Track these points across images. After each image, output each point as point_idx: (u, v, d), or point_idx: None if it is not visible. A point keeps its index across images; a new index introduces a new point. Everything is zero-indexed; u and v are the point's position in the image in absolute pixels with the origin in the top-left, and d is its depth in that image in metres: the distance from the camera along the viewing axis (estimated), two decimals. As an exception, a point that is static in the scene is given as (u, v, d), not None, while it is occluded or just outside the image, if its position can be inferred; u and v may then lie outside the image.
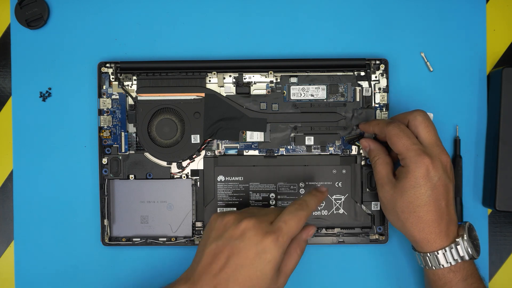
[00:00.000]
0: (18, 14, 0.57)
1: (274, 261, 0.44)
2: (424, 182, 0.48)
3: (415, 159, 0.48)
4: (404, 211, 0.49)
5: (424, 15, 0.57)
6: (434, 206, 0.48)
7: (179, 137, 0.56)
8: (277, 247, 0.44)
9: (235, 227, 0.45)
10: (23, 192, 0.58)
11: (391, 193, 0.50)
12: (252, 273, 0.44)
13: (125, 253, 0.58)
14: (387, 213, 0.52)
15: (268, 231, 0.44)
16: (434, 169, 0.48)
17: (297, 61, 0.56)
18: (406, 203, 0.49)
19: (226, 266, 0.44)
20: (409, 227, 0.49)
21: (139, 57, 0.57)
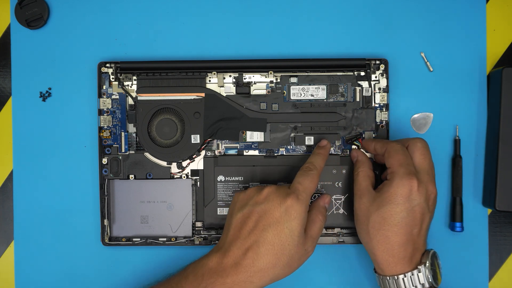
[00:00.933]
0: (18, 14, 0.57)
1: (299, 218, 0.47)
2: (402, 201, 0.48)
3: (402, 175, 0.48)
4: (375, 227, 0.49)
5: (424, 15, 0.57)
6: (404, 230, 0.48)
7: (179, 137, 0.56)
8: (299, 204, 0.47)
9: (259, 194, 0.48)
10: (23, 192, 0.58)
11: (367, 205, 0.50)
12: (280, 231, 0.46)
13: (125, 253, 0.58)
14: (358, 226, 0.52)
15: (289, 192, 0.48)
16: (417, 193, 0.48)
17: (297, 61, 0.56)
18: (379, 218, 0.49)
19: (255, 228, 0.47)
20: (374, 245, 0.49)
21: (139, 57, 0.57)
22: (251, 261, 0.46)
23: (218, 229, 0.56)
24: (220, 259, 0.47)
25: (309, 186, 0.49)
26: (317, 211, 0.50)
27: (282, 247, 0.46)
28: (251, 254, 0.46)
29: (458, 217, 0.56)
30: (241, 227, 0.48)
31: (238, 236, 0.47)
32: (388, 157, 0.50)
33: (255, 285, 0.46)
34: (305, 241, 0.48)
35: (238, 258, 0.46)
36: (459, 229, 0.56)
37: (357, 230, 0.52)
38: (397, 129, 0.57)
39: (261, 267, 0.46)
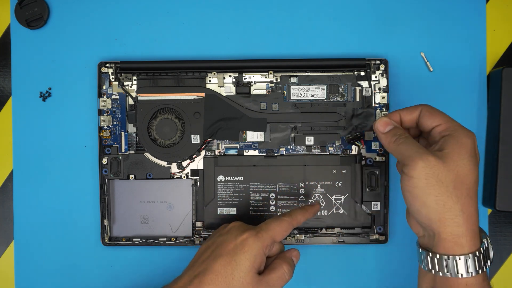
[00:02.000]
0: (18, 14, 0.57)
1: (251, 253, 0.46)
2: (474, 153, 0.43)
3: (462, 129, 0.44)
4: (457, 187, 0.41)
5: (424, 15, 0.57)
6: (475, 191, 0.42)
7: (179, 137, 0.56)
8: (255, 240, 0.46)
9: (225, 226, 0.50)
10: (23, 192, 0.58)
11: (440, 163, 0.41)
12: (228, 262, 0.45)
13: (125, 253, 0.58)
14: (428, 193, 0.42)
15: (249, 229, 0.47)
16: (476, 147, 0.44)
17: (297, 61, 0.56)
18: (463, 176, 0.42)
19: (208, 257, 0.47)
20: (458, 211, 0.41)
21: (139, 57, 0.57)
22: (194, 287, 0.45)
23: (218, 229, 0.56)
24: (171, 285, 0.47)
25: (274, 229, 0.47)
26: (282, 260, 0.48)
27: (226, 279, 0.45)
28: (196, 282, 0.45)
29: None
30: (199, 257, 0.48)
31: (193, 264, 0.48)
32: (432, 115, 0.45)
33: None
34: (257, 283, 0.46)
35: (184, 284, 0.46)
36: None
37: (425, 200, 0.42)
38: (397, 129, 0.57)
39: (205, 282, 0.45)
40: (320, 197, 0.56)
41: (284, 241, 0.56)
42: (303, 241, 0.56)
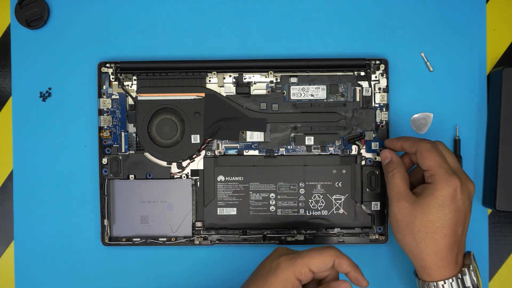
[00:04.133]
0: (18, 14, 0.57)
1: (282, 277, 0.44)
2: (450, 202, 0.47)
3: (445, 177, 0.47)
4: (422, 231, 0.47)
5: (424, 15, 0.57)
6: (452, 231, 0.47)
7: (179, 137, 0.56)
8: (287, 266, 0.44)
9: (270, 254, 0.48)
10: (23, 192, 0.58)
11: (410, 209, 0.48)
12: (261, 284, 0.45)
13: (125, 253, 0.58)
14: (399, 231, 0.49)
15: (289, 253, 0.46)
16: (461, 192, 0.47)
17: (297, 61, 0.56)
18: (427, 222, 0.47)
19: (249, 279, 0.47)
20: (422, 249, 0.48)
21: (139, 57, 0.57)
22: None
23: (218, 229, 0.56)
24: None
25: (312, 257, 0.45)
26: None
27: None
28: None
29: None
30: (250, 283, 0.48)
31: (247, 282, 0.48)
32: (423, 158, 0.48)
33: None
34: None
35: None
36: (459, 229, 0.56)
37: (397, 235, 0.49)
38: (397, 129, 0.57)
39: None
40: (320, 197, 0.56)
41: (283, 241, 0.56)
42: (303, 241, 0.56)
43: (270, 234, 0.56)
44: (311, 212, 0.56)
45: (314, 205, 0.56)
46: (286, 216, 0.56)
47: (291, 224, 0.56)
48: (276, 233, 0.56)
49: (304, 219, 0.56)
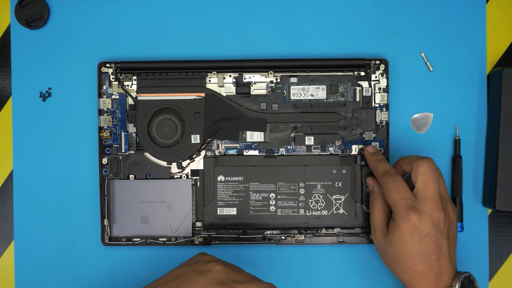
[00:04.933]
0: (18, 14, 0.57)
1: None
2: (410, 237, 0.48)
3: (402, 214, 0.48)
4: (394, 261, 0.49)
5: (424, 15, 0.57)
6: (422, 259, 0.48)
7: (179, 137, 0.56)
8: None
9: (203, 264, 0.48)
10: (23, 192, 0.58)
11: (382, 242, 0.50)
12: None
13: (125, 253, 0.58)
14: (380, 255, 0.52)
15: (223, 283, 0.46)
16: (422, 225, 0.48)
17: (297, 61, 0.56)
18: (395, 255, 0.49)
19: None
20: (398, 274, 0.50)
21: (139, 57, 0.57)
22: None
23: (218, 229, 0.56)
24: None
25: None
26: None
27: None
28: None
29: (458, 217, 0.56)
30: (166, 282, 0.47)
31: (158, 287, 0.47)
32: (385, 194, 0.50)
33: None
34: None
35: None
36: (459, 229, 0.56)
37: (380, 257, 0.52)
38: (397, 129, 0.57)
39: None
40: (320, 197, 0.56)
41: (283, 241, 0.56)
42: (303, 241, 0.56)
43: (270, 234, 0.56)
44: (311, 212, 0.56)
45: (314, 205, 0.56)
46: (286, 216, 0.56)
47: (291, 224, 0.56)
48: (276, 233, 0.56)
49: (304, 219, 0.56)
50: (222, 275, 0.47)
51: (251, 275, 0.49)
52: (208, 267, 0.47)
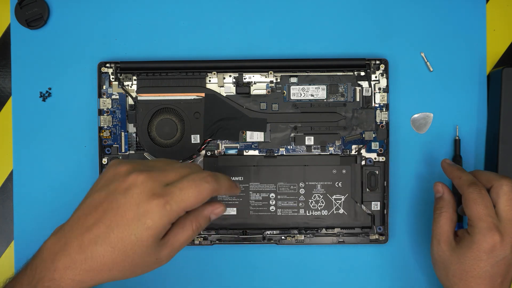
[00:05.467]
0: (18, 14, 0.57)
1: (155, 229, 0.39)
2: (486, 257, 0.45)
3: (484, 232, 0.45)
4: (456, 276, 0.47)
5: (424, 15, 0.57)
6: (488, 281, 0.46)
7: (179, 137, 0.56)
8: (161, 214, 0.39)
9: (123, 180, 0.40)
10: (23, 192, 0.58)
11: (447, 254, 0.48)
12: (126, 236, 0.39)
13: (125, 253, 0.57)
14: (436, 268, 0.50)
15: (157, 193, 0.39)
16: (502, 247, 0.45)
17: (297, 61, 0.56)
18: (461, 270, 0.46)
19: (100, 221, 0.39)
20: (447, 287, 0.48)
21: (139, 57, 0.57)
22: (84, 258, 0.39)
23: (218, 229, 0.56)
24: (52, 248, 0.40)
25: (189, 200, 0.39)
26: (193, 218, 0.42)
27: (123, 253, 0.39)
28: (85, 249, 0.39)
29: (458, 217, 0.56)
30: (88, 213, 0.40)
31: (81, 222, 0.40)
32: (466, 206, 0.47)
33: (85, 285, 0.39)
34: (159, 250, 0.40)
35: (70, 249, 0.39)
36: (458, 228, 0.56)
37: (436, 271, 0.50)
38: (397, 129, 0.57)
39: (94, 268, 0.39)
40: (320, 197, 0.56)
41: (283, 241, 0.56)
42: (303, 241, 0.56)
43: (270, 234, 0.56)
44: (311, 212, 0.56)
45: (314, 205, 0.56)
46: (286, 216, 0.56)
47: (291, 224, 0.56)
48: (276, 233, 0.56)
49: (304, 219, 0.56)
50: (149, 184, 0.39)
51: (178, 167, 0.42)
52: (129, 181, 0.40)
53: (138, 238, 0.39)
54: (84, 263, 0.39)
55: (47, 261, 0.40)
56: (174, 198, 0.39)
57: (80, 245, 0.39)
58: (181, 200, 0.39)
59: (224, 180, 0.42)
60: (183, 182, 0.40)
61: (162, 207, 0.39)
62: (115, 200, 0.40)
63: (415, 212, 0.57)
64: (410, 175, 0.57)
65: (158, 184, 0.40)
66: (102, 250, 0.39)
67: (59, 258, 0.39)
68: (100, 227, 0.39)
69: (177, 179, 0.40)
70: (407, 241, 0.57)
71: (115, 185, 0.40)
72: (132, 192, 0.39)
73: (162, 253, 0.41)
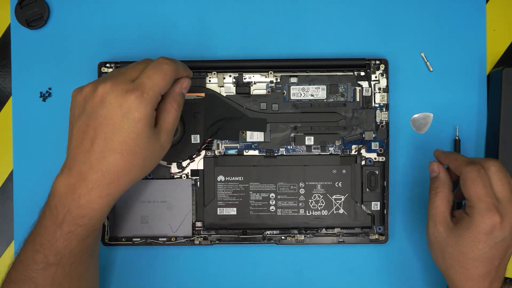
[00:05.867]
0: (18, 14, 0.57)
1: (145, 119, 0.42)
2: (485, 239, 0.44)
3: (483, 212, 0.44)
4: (452, 258, 0.46)
5: (424, 15, 0.57)
6: (486, 263, 0.45)
7: (179, 137, 0.56)
8: (143, 104, 0.42)
9: (93, 96, 0.42)
10: (23, 192, 0.58)
11: (444, 236, 0.46)
12: (126, 136, 0.42)
13: (125, 253, 0.58)
14: (432, 250, 0.49)
15: (129, 90, 0.42)
16: (501, 229, 0.44)
17: (297, 61, 0.56)
18: (458, 252, 0.45)
19: (96, 139, 0.42)
20: (452, 274, 0.47)
21: (139, 57, 0.57)
22: (100, 175, 0.42)
23: (218, 229, 0.56)
24: (66, 181, 0.43)
25: (159, 83, 0.43)
26: (171, 100, 0.45)
27: (132, 152, 0.42)
28: (98, 166, 0.42)
29: (458, 217, 0.56)
30: (83, 139, 0.42)
31: (80, 150, 0.42)
32: (464, 186, 0.45)
33: (113, 197, 0.43)
34: (158, 137, 0.44)
35: (84, 174, 0.42)
36: (459, 229, 0.56)
37: (431, 254, 0.49)
38: (397, 129, 0.57)
39: (113, 178, 0.42)
40: (320, 197, 0.56)
41: (283, 241, 0.56)
42: (303, 241, 0.56)
43: (270, 234, 0.56)
44: (311, 212, 0.56)
45: (314, 205, 0.56)
46: (286, 216, 0.56)
47: (291, 224, 0.56)
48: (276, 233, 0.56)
49: (304, 219, 0.56)
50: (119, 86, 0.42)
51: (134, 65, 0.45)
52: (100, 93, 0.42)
53: (135, 133, 0.42)
54: (103, 179, 0.42)
55: (67, 195, 0.42)
56: (146, 87, 0.42)
57: (91, 166, 0.42)
58: (153, 86, 0.42)
59: (178, 61, 0.46)
60: (148, 72, 0.43)
61: (140, 98, 0.41)
62: (97, 115, 0.42)
63: (415, 212, 0.57)
64: (410, 175, 0.57)
65: (126, 82, 0.42)
66: (112, 160, 0.42)
67: (79, 186, 0.42)
68: (99, 143, 0.42)
69: (139, 73, 0.43)
70: (407, 241, 0.57)
71: (90, 104, 0.43)
72: (108, 100, 0.42)
73: (161, 139, 0.44)
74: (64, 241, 0.43)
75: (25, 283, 0.44)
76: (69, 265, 0.44)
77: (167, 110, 0.45)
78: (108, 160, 0.42)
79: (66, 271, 0.44)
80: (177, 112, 0.45)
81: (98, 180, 0.42)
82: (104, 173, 0.42)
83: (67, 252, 0.43)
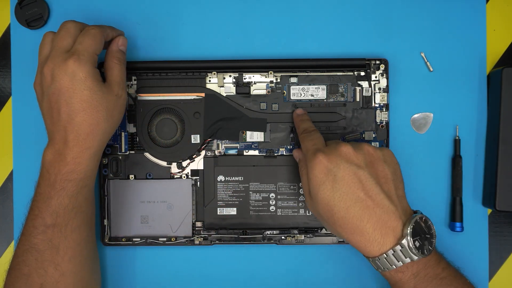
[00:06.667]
0: (18, 14, 0.57)
1: (90, 76, 0.48)
2: (325, 177, 0.45)
3: (311, 157, 0.47)
4: (326, 214, 0.46)
5: (424, 15, 0.57)
6: (351, 200, 0.45)
7: (179, 137, 0.56)
8: (82, 64, 0.47)
9: (44, 79, 0.49)
10: (23, 192, 0.58)
11: (311, 203, 0.48)
12: (81, 95, 0.47)
13: (125, 253, 0.58)
14: (323, 224, 0.49)
15: (67, 57, 0.48)
16: (331, 160, 0.46)
17: (297, 61, 0.56)
18: (322, 205, 0.46)
19: (60, 108, 0.47)
20: (340, 232, 0.46)
21: (139, 57, 0.57)
22: (75, 133, 0.47)
23: (218, 229, 0.56)
24: (51, 149, 0.48)
25: (90, 44, 0.49)
26: (111, 57, 0.51)
27: (93, 106, 0.48)
28: (71, 128, 0.47)
29: (458, 217, 0.56)
30: (51, 113, 0.48)
31: (53, 122, 0.48)
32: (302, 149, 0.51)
33: (94, 149, 0.48)
34: (110, 88, 0.49)
35: (63, 138, 0.48)
36: (459, 229, 0.56)
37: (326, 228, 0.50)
38: (397, 129, 0.57)
39: (87, 132, 0.48)
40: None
41: (283, 241, 0.56)
42: (303, 241, 0.56)
43: (270, 234, 0.56)
44: (311, 212, 0.56)
45: (314, 205, 0.56)
46: (286, 216, 0.56)
47: (291, 224, 0.56)
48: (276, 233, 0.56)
49: (304, 219, 0.56)
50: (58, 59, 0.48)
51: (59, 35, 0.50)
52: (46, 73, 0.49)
53: (88, 89, 0.47)
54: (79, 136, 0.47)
55: (55, 159, 0.48)
56: (80, 51, 0.48)
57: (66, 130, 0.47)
58: (86, 48, 0.48)
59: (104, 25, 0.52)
60: (79, 39, 0.49)
61: (78, 60, 0.47)
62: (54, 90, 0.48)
63: (415, 212, 0.57)
64: (410, 175, 0.57)
65: (62, 53, 0.48)
66: (80, 118, 0.47)
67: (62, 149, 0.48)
68: (64, 110, 0.47)
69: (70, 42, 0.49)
70: (407, 241, 0.57)
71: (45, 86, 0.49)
72: (55, 73, 0.48)
73: (114, 90, 0.50)
74: (57, 198, 0.48)
75: (28, 252, 0.48)
76: (64, 226, 0.48)
77: (110, 66, 0.51)
78: (76, 120, 0.47)
79: (62, 232, 0.48)
80: (119, 65, 0.51)
81: (75, 138, 0.47)
82: (78, 131, 0.47)
83: (61, 210, 0.48)
